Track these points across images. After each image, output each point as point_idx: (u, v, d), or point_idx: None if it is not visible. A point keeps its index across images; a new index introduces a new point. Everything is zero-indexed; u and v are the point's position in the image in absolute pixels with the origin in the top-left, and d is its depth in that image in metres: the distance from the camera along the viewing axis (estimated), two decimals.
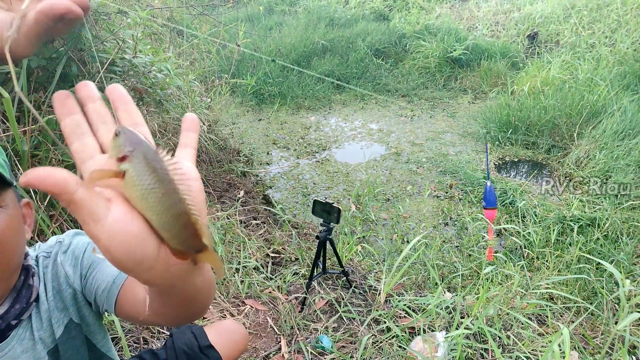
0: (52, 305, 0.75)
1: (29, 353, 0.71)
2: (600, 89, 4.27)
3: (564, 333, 1.35)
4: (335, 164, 3.89)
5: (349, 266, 2.29)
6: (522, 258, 2.55)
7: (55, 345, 0.75)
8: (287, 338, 1.79)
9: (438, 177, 3.63)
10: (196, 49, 4.49)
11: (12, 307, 0.67)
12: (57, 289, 0.76)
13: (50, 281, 0.75)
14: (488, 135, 4.28)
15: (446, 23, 6.72)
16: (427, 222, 3.00)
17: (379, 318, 1.88)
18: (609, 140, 3.56)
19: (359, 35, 6.57)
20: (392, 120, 4.90)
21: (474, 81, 5.83)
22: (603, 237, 2.64)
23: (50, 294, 0.75)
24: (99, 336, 0.84)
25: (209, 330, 1.12)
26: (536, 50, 6.22)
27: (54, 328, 0.74)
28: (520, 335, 1.78)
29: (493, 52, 5.98)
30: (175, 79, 2.23)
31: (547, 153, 3.97)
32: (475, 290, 2.15)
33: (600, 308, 2.02)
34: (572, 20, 6.19)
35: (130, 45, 2.01)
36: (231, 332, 1.18)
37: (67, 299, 0.76)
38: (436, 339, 1.66)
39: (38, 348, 0.72)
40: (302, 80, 5.65)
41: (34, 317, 0.72)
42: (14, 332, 0.69)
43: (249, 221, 2.69)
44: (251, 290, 2.01)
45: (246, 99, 5.33)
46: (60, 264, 0.76)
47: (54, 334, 0.74)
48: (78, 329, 0.78)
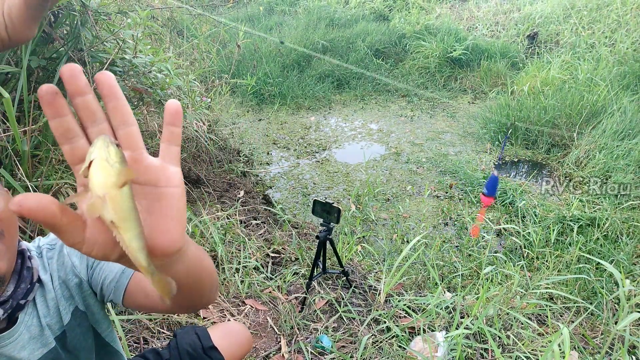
0: (58, 294, 0.76)
1: (37, 339, 0.71)
2: (600, 89, 4.27)
3: (564, 333, 1.35)
4: (335, 164, 3.89)
5: (349, 266, 2.29)
6: (522, 258, 2.55)
7: (63, 331, 0.76)
8: (287, 338, 1.79)
9: (438, 177, 3.63)
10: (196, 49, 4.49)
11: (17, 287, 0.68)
12: (63, 279, 0.77)
13: (56, 271, 0.76)
14: (489, 135, 4.28)
15: (446, 23, 6.71)
16: (427, 222, 3.00)
17: (379, 318, 1.88)
18: (609, 140, 3.56)
19: (359, 36, 6.56)
20: (392, 121, 4.90)
21: (474, 81, 5.83)
22: (603, 237, 2.64)
23: (57, 283, 0.76)
24: (104, 326, 0.85)
25: (213, 331, 1.12)
26: (536, 51, 6.22)
27: (61, 315, 0.75)
28: (520, 335, 1.78)
29: (493, 52, 5.98)
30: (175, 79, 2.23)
31: (547, 153, 3.97)
32: (475, 290, 2.15)
33: (600, 308, 2.02)
34: (572, 20, 6.19)
35: (130, 45, 2.01)
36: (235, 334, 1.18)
37: (73, 288, 0.77)
38: (436, 338, 1.66)
39: (46, 334, 0.73)
40: (302, 80, 5.65)
41: (40, 305, 0.73)
42: (22, 317, 0.70)
43: (249, 221, 2.69)
44: (251, 290, 2.01)
45: (246, 99, 5.33)
46: (67, 255, 0.77)
47: (62, 321, 0.75)
48: (84, 317, 0.80)
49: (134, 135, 0.40)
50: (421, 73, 6.13)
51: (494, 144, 4.15)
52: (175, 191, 0.41)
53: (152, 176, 0.41)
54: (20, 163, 1.53)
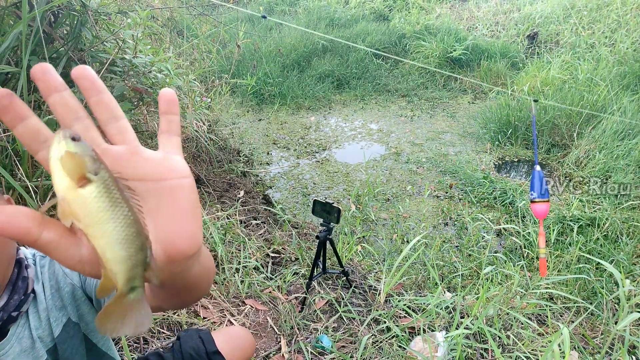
0: (50, 304, 0.74)
1: (28, 352, 0.70)
2: (600, 89, 4.27)
3: (564, 333, 1.35)
4: (335, 164, 3.89)
5: (349, 266, 2.29)
6: (521, 258, 2.55)
7: (54, 344, 0.75)
8: (287, 338, 1.79)
9: (438, 177, 3.63)
10: (196, 49, 4.50)
11: (10, 298, 0.67)
12: (55, 288, 0.75)
13: (47, 280, 0.75)
14: (489, 135, 4.28)
15: (446, 23, 6.72)
16: (427, 222, 3.00)
17: (378, 318, 1.88)
18: (609, 140, 3.56)
19: (359, 36, 6.57)
20: (392, 121, 4.90)
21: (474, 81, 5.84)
22: (603, 237, 2.64)
23: (49, 292, 0.75)
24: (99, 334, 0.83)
25: (217, 335, 1.12)
26: (536, 51, 6.22)
27: (52, 327, 0.74)
28: (520, 335, 1.78)
29: (493, 52, 5.98)
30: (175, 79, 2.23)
31: (547, 153, 3.97)
32: (475, 290, 2.15)
33: (600, 308, 2.02)
34: (572, 20, 6.19)
35: (130, 45, 2.01)
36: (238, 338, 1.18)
37: (66, 297, 0.76)
38: (436, 338, 1.66)
39: (37, 347, 0.72)
40: (302, 80, 5.65)
41: (32, 317, 0.72)
42: (13, 330, 0.68)
43: (249, 221, 2.69)
44: (251, 290, 2.01)
45: (246, 99, 5.33)
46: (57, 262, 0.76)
47: (53, 334, 0.74)
48: (76, 328, 0.78)
49: (127, 129, 0.36)
50: (421, 73, 6.13)
51: (494, 144, 4.15)
52: (185, 182, 0.36)
53: (154, 169, 0.35)
54: (20, 163, 1.53)
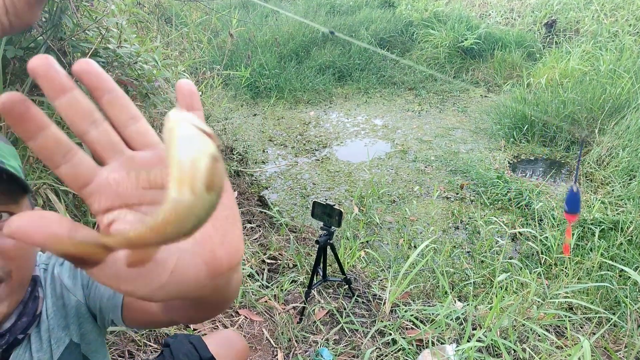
0: (53, 324, 0.75)
1: None
2: (624, 81, 4.27)
3: (585, 346, 1.35)
4: (337, 162, 3.90)
5: (351, 273, 2.30)
6: (539, 264, 2.55)
7: None
8: (285, 351, 1.79)
9: (448, 177, 3.63)
10: (186, 38, 4.50)
11: (18, 319, 0.67)
12: (60, 304, 0.76)
13: (49, 297, 0.75)
14: (503, 131, 4.28)
15: (457, 10, 6.72)
16: (436, 226, 3.00)
17: (383, 329, 1.89)
18: (634, 137, 3.55)
19: (362, 24, 6.57)
20: (398, 116, 4.90)
21: (487, 73, 5.84)
22: (627, 241, 2.64)
23: (51, 310, 0.75)
24: (100, 355, 0.84)
25: (209, 340, 1.13)
26: (554, 40, 6.22)
27: (52, 349, 0.75)
28: (537, 348, 1.78)
29: (507, 42, 5.98)
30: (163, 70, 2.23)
31: (566, 151, 3.97)
32: (488, 299, 2.15)
33: (623, 319, 2.02)
34: (593, 7, 6.19)
35: (114, 34, 2.01)
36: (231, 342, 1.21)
37: (70, 313, 0.76)
38: (446, 352, 1.66)
39: None
40: (301, 72, 5.66)
41: (34, 337, 0.73)
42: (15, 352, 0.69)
43: (243, 225, 2.69)
44: (245, 299, 2.01)
45: (240, 92, 5.33)
46: (58, 277, 0.76)
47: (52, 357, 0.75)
48: (77, 350, 0.79)
49: (148, 131, 0.33)
50: (430, 64, 6.13)
51: (509, 141, 4.16)
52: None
53: None
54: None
